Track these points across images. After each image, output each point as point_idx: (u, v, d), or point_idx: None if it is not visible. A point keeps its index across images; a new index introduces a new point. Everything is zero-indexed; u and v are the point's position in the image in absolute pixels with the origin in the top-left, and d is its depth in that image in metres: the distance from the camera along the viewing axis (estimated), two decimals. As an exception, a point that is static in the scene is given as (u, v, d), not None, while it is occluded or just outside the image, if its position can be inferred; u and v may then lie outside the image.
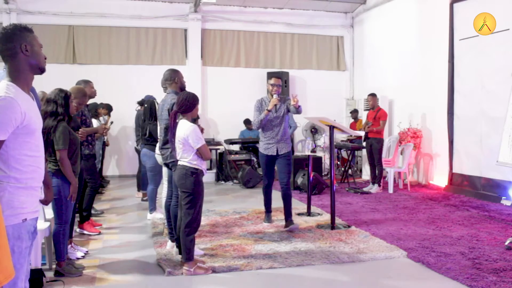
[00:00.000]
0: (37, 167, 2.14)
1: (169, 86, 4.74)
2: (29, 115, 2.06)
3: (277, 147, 5.53)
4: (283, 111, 5.56)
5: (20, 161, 2.06)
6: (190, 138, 3.90)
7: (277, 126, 5.53)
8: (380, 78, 10.50)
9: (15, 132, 2.02)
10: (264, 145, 5.62)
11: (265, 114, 5.46)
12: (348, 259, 4.35)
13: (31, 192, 2.12)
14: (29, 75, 2.18)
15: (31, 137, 2.09)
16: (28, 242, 2.11)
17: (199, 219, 4.04)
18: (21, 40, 2.12)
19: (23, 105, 2.04)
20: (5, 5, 9.62)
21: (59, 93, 3.91)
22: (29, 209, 2.11)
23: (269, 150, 5.55)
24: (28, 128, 2.07)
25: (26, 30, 2.17)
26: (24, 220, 2.07)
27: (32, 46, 2.16)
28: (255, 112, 5.62)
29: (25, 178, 2.08)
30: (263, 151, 5.62)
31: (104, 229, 5.62)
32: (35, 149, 2.13)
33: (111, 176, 10.14)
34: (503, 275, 3.82)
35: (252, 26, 11.21)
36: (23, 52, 2.12)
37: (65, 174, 3.81)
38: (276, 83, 5.58)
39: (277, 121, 5.53)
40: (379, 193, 8.04)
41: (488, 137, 7.30)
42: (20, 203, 2.06)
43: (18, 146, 2.05)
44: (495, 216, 6.07)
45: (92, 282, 3.86)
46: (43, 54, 2.23)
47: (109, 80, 9.87)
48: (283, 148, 5.56)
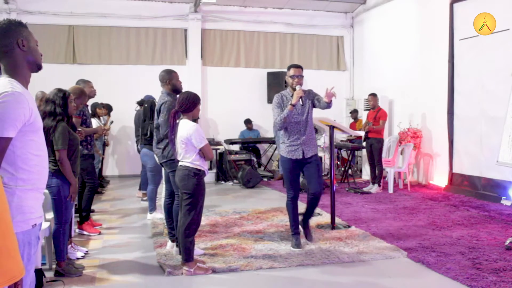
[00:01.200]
0: (42, 167, 2.08)
1: (162, 87, 4.80)
2: (35, 112, 2.00)
3: (303, 149, 4.63)
4: (308, 106, 4.72)
5: (27, 160, 1.99)
6: (194, 137, 3.88)
7: (303, 124, 4.66)
8: (380, 78, 10.50)
9: (22, 130, 1.94)
10: (286, 148, 4.69)
11: (289, 109, 4.54)
12: (348, 259, 4.35)
13: (36, 195, 2.06)
14: (27, 72, 2.10)
15: (36, 135, 2.03)
16: (36, 248, 2.07)
17: (199, 220, 4.03)
18: (18, 35, 2.05)
19: (30, 101, 1.98)
20: (5, 5, 9.62)
21: (57, 93, 3.92)
22: (37, 214, 2.05)
23: (294, 153, 4.64)
24: (34, 125, 2.00)
25: (21, 25, 2.11)
26: (34, 226, 2.02)
27: (28, 41, 2.09)
28: (275, 109, 4.67)
29: (32, 179, 2.01)
30: (285, 154, 4.69)
31: (104, 229, 5.61)
32: (40, 148, 2.06)
33: (111, 176, 10.14)
34: (503, 275, 3.82)
35: (252, 26, 11.22)
36: (20, 48, 2.05)
37: (65, 174, 3.81)
38: (297, 74, 4.69)
39: (303, 117, 4.66)
40: (379, 193, 8.04)
41: (488, 137, 7.30)
42: (29, 208, 2.00)
43: (24, 145, 1.97)
44: (495, 216, 6.07)
45: (92, 282, 3.86)
46: (39, 50, 2.17)
47: (109, 80, 9.87)
48: (310, 150, 4.68)
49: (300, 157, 4.63)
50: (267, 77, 11.19)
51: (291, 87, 4.73)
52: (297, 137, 4.65)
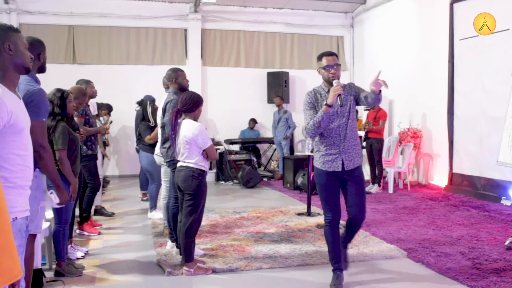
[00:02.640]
0: (25, 166, 2.15)
1: (170, 86, 4.77)
2: (16, 114, 2.06)
3: (343, 159, 3.61)
4: (349, 105, 3.65)
5: (9, 160, 2.07)
6: (200, 137, 3.86)
7: (342, 127, 3.60)
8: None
9: (3, 131, 2.02)
10: (321, 158, 3.66)
11: (324, 111, 3.48)
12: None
13: (20, 191, 2.13)
14: (14, 75, 2.19)
15: (18, 136, 2.10)
16: (21, 240, 2.12)
17: (200, 221, 4.02)
18: (5, 40, 2.13)
19: (10, 104, 2.04)
20: (5, 5, 9.62)
21: (55, 93, 3.91)
22: (19, 208, 2.12)
23: (332, 165, 3.62)
24: (16, 127, 2.06)
25: (11, 29, 2.19)
26: (14, 219, 2.08)
27: (16, 45, 2.17)
28: (307, 112, 3.65)
29: (14, 177, 2.08)
30: (320, 166, 3.66)
31: (104, 229, 5.61)
32: (23, 148, 2.13)
33: (111, 176, 10.14)
34: (503, 275, 3.82)
35: (252, 26, 11.22)
36: (6, 51, 2.13)
37: (65, 174, 3.80)
38: (332, 63, 3.60)
39: (342, 120, 3.61)
40: (379, 193, 8.04)
41: (488, 137, 7.29)
42: (10, 202, 2.03)
43: (6, 145, 2.05)
44: (495, 216, 6.07)
45: (92, 282, 3.86)
46: (29, 53, 2.25)
47: (109, 80, 9.87)
48: (352, 159, 3.65)
49: (339, 169, 3.60)
50: (267, 77, 11.19)
51: (326, 80, 3.66)
52: (335, 142, 3.61)
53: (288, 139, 9.93)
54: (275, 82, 10.98)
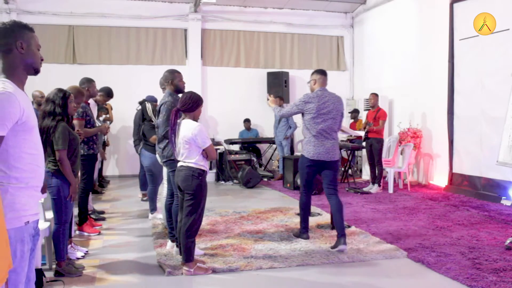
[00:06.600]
0: (36, 166, 2.11)
1: (166, 87, 4.80)
2: (27, 112, 2.03)
3: None
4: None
5: (20, 159, 2.02)
6: (199, 137, 3.87)
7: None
8: (380, 78, 10.50)
9: (14, 129, 1.98)
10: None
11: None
12: (348, 259, 4.35)
13: (31, 192, 2.09)
14: (23, 74, 2.13)
15: (29, 135, 2.06)
16: (30, 245, 2.08)
17: (200, 221, 4.03)
18: (18, 38, 2.09)
19: (22, 101, 2.01)
20: (5, 5, 9.61)
21: (57, 93, 3.92)
22: (31, 211, 2.07)
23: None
24: (27, 125, 2.03)
25: (26, 28, 2.14)
26: (26, 223, 2.03)
27: (28, 45, 2.12)
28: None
29: (25, 177, 2.04)
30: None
31: (104, 229, 5.61)
32: (34, 147, 2.10)
33: (111, 176, 10.14)
34: (503, 275, 3.82)
35: (252, 26, 11.21)
36: (18, 49, 2.08)
37: (65, 174, 3.81)
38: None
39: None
40: (379, 193, 8.04)
41: (488, 137, 7.30)
42: (22, 205, 2.02)
43: (17, 144, 2.01)
44: (495, 216, 6.07)
45: (92, 282, 3.86)
46: (40, 55, 2.19)
47: (109, 80, 9.80)
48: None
49: None
50: (267, 77, 11.18)
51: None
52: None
53: (288, 139, 9.92)
54: (275, 82, 10.97)
